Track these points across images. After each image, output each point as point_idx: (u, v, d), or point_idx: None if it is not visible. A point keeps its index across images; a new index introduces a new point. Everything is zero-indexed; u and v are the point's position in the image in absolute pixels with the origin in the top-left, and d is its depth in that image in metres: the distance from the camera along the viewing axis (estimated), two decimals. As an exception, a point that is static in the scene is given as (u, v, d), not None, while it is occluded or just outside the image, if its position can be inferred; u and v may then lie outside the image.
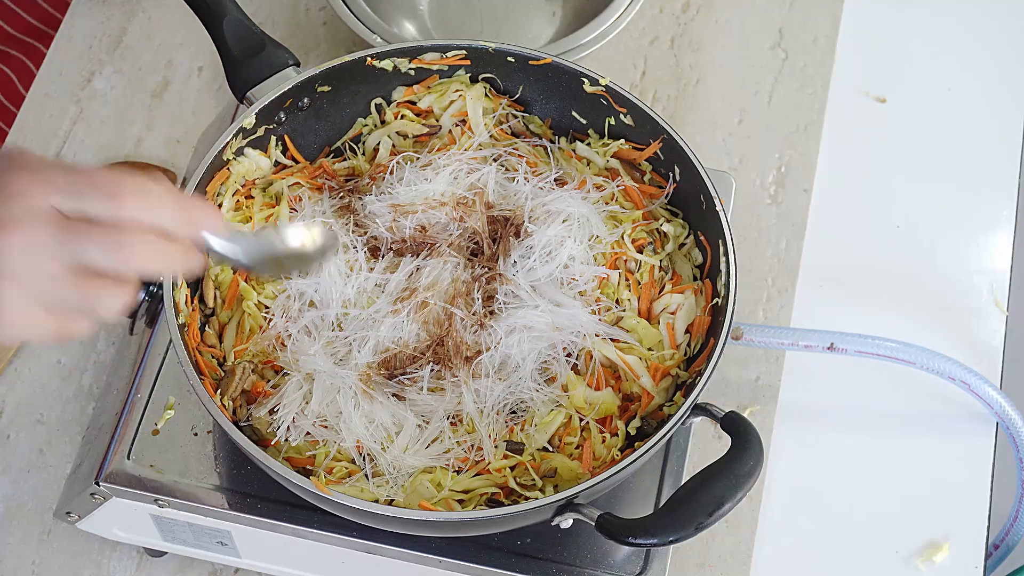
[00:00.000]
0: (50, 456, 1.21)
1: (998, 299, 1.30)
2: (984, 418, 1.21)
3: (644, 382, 1.05)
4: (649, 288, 1.10)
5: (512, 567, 1.06)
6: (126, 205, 0.75)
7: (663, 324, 1.08)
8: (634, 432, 1.04)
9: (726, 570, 1.16)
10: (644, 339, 1.07)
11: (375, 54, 1.15)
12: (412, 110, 1.18)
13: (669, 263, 1.12)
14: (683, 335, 1.08)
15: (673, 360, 1.06)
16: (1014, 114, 1.41)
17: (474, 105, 1.17)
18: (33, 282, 0.75)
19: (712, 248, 1.09)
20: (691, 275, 1.11)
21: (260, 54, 1.13)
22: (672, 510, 0.93)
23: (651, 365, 1.06)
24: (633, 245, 1.11)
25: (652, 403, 1.05)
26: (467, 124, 1.17)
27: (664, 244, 1.12)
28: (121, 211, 0.75)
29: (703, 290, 1.09)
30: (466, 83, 1.18)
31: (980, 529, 1.19)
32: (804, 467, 1.21)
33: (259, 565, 1.16)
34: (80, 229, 0.75)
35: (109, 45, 1.43)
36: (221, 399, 1.01)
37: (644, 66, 1.42)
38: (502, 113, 1.18)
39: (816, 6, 1.46)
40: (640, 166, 1.15)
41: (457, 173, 1.13)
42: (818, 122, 1.39)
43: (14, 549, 1.18)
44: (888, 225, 1.34)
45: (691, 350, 1.07)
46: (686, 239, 1.12)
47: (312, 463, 1.01)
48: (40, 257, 0.74)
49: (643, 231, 1.12)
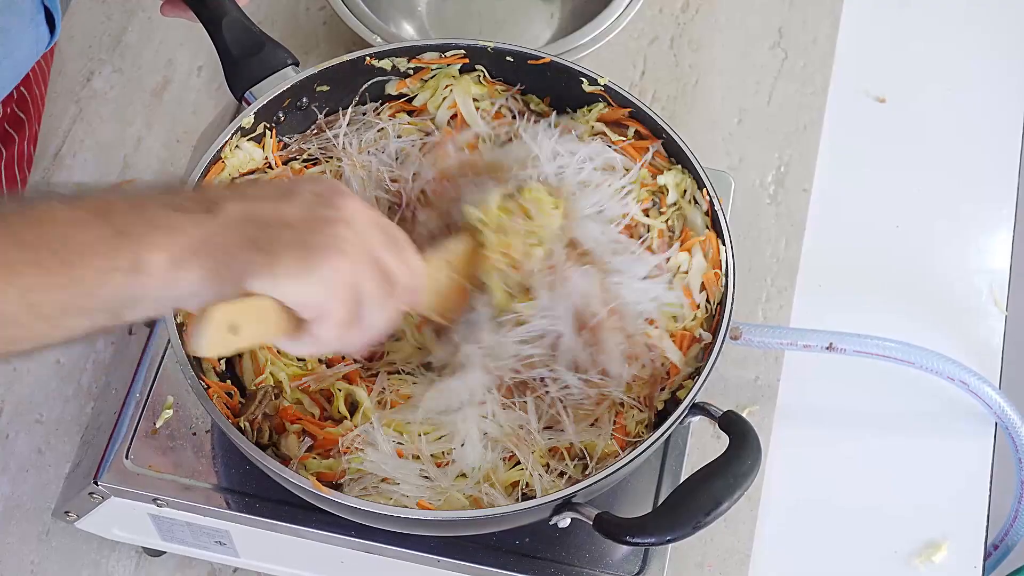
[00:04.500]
0: (49, 456, 1.21)
1: (998, 299, 1.30)
2: (983, 418, 1.21)
3: (673, 357, 1.05)
4: (659, 253, 1.10)
5: (510, 566, 1.05)
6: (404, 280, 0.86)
7: (678, 286, 1.08)
8: (661, 407, 1.04)
9: (725, 569, 1.16)
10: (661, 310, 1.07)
11: (374, 54, 1.15)
12: (407, 108, 1.18)
13: (675, 219, 1.12)
14: (700, 294, 1.08)
15: (695, 321, 1.06)
16: (1014, 114, 1.41)
17: (464, 99, 1.16)
18: (352, 300, 0.83)
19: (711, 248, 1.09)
20: (702, 223, 1.10)
21: (259, 54, 1.13)
22: (670, 509, 0.93)
23: (676, 334, 1.06)
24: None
25: (680, 374, 1.05)
26: (459, 118, 1.16)
27: (666, 198, 1.12)
28: (402, 277, 0.86)
29: (709, 243, 1.08)
30: (455, 76, 1.17)
31: (979, 529, 1.19)
32: (803, 467, 1.21)
33: (258, 565, 1.16)
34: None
35: (109, 44, 1.44)
36: (237, 420, 1.01)
37: (643, 66, 1.42)
38: (500, 95, 1.16)
39: (816, 6, 1.46)
40: (624, 125, 1.14)
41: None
42: (818, 122, 1.39)
43: (13, 548, 1.18)
44: (888, 225, 1.34)
45: (711, 307, 1.07)
46: (687, 185, 1.12)
47: (342, 476, 1.01)
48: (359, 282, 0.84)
49: (647, 192, 1.12)
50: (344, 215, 0.83)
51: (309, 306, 0.82)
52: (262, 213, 0.81)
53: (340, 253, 0.81)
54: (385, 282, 0.84)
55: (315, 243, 0.81)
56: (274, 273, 0.79)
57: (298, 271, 0.80)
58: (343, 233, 0.82)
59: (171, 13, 1.17)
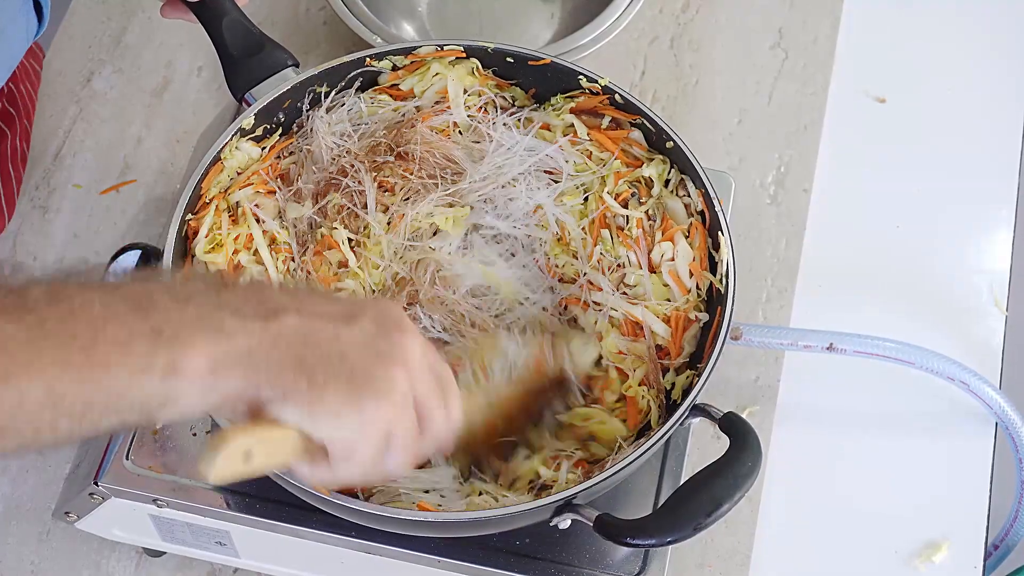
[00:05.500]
0: (49, 456, 1.21)
1: (998, 299, 1.30)
2: (983, 418, 1.21)
3: (659, 329, 1.06)
4: (640, 241, 1.10)
5: (511, 567, 1.06)
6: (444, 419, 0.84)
7: (666, 273, 1.08)
8: (670, 387, 1.05)
9: (725, 570, 1.16)
10: (654, 294, 1.08)
11: (374, 54, 1.15)
12: (391, 94, 1.17)
13: (656, 209, 1.12)
14: (689, 279, 1.08)
15: (688, 304, 1.07)
16: (1014, 114, 1.41)
17: (455, 84, 1.16)
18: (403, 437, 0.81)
19: (711, 247, 1.09)
20: (684, 212, 1.11)
21: (259, 54, 1.13)
22: (670, 511, 0.93)
23: (668, 316, 1.07)
24: (617, 200, 1.11)
25: (682, 355, 1.06)
26: (446, 102, 1.16)
27: (651, 189, 1.12)
28: (438, 425, 0.83)
29: (693, 230, 1.09)
30: (449, 66, 1.16)
31: (979, 529, 1.19)
32: (803, 467, 1.21)
33: (258, 565, 1.16)
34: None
35: (109, 45, 1.43)
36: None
37: (644, 66, 1.42)
38: (481, 89, 1.16)
39: (816, 6, 1.46)
40: (598, 114, 1.14)
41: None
42: (818, 122, 1.38)
43: (13, 549, 1.18)
44: (888, 225, 1.34)
45: (701, 292, 1.08)
46: (670, 175, 1.12)
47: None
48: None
49: (625, 183, 1.12)
50: (402, 355, 0.79)
51: (338, 444, 0.78)
52: (320, 335, 0.77)
53: (388, 400, 0.78)
54: (418, 429, 0.81)
55: (366, 385, 0.77)
56: (314, 407, 0.76)
57: (339, 410, 0.76)
58: (397, 377, 0.78)
59: (171, 15, 1.16)
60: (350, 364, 0.77)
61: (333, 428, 0.77)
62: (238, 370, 0.74)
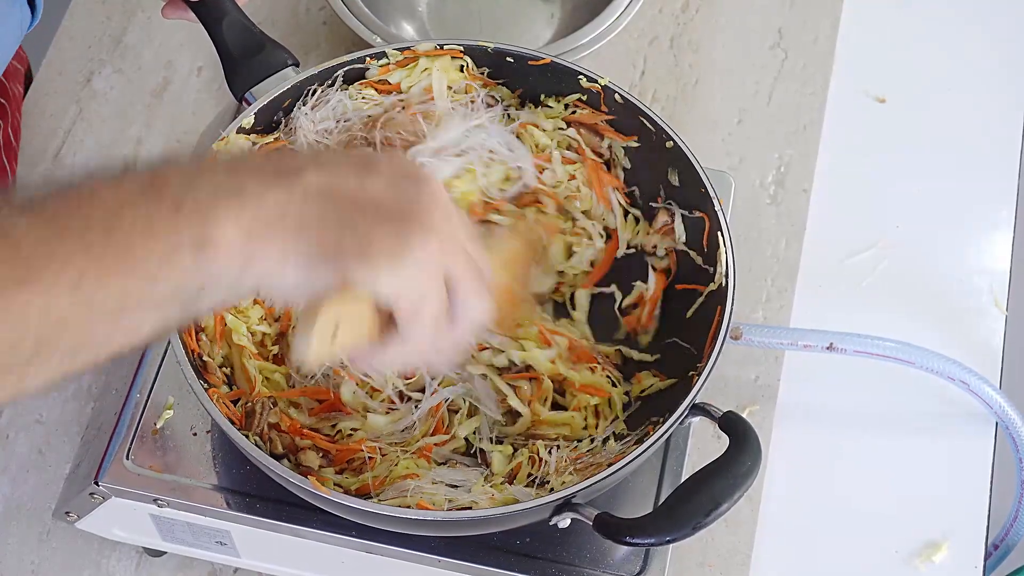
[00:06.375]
0: (49, 456, 1.21)
1: (998, 299, 1.30)
2: (984, 418, 1.21)
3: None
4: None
5: (511, 566, 1.06)
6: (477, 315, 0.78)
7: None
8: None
9: (726, 569, 1.16)
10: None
11: (374, 54, 1.15)
12: (377, 88, 1.17)
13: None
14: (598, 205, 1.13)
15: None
16: (1014, 114, 1.41)
17: (440, 77, 1.15)
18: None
19: (710, 248, 1.09)
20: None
21: (259, 54, 1.13)
22: (670, 510, 0.93)
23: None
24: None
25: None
26: (430, 95, 1.16)
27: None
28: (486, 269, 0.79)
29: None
30: (435, 61, 1.16)
31: (980, 529, 1.19)
32: (803, 467, 1.21)
33: (258, 565, 1.16)
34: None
35: (109, 45, 1.43)
36: (246, 435, 1.00)
37: (643, 66, 1.42)
38: (470, 84, 1.16)
39: (816, 6, 1.46)
40: (600, 131, 1.15)
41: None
42: (818, 122, 1.38)
43: (13, 549, 1.18)
44: (888, 225, 1.34)
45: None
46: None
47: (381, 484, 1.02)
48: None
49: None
50: (431, 195, 0.74)
51: (404, 297, 0.73)
52: (346, 187, 0.72)
53: (434, 234, 0.73)
54: (477, 268, 0.76)
55: (407, 222, 0.72)
56: (369, 257, 0.71)
57: (393, 256, 0.71)
58: (435, 213, 0.74)
59: (172, 15, 1.16)
60: (386, 208, 0.72)
61: (393, 280, 0.72)
62: (275, 234, 0.69)
